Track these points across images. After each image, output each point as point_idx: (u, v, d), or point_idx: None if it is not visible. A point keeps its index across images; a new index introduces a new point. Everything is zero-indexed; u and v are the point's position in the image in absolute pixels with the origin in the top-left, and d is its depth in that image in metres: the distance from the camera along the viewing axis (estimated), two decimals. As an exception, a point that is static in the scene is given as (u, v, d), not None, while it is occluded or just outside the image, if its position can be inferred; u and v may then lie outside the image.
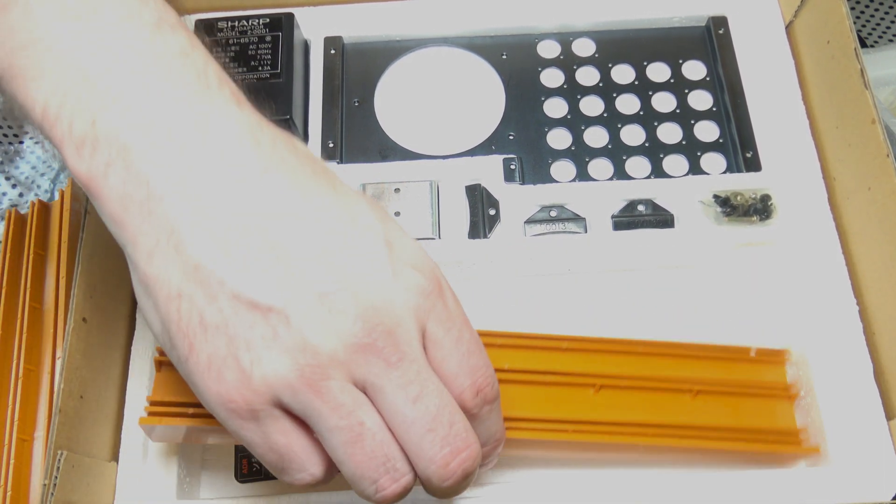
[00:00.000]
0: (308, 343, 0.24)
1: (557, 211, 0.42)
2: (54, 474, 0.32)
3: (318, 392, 0.25)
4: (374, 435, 0.25)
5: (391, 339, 0.25)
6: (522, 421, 0.35)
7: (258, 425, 0.25)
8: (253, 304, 0.24)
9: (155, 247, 0.25)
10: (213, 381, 0.25)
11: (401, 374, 0.25)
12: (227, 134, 0.25)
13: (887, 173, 0.36)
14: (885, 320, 0.37)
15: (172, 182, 0.25)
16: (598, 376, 0.36)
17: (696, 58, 0.46)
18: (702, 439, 0.36)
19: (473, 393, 0.27)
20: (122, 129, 0.25)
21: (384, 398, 0.25)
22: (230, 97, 0.26)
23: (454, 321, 0.27)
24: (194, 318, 0.25)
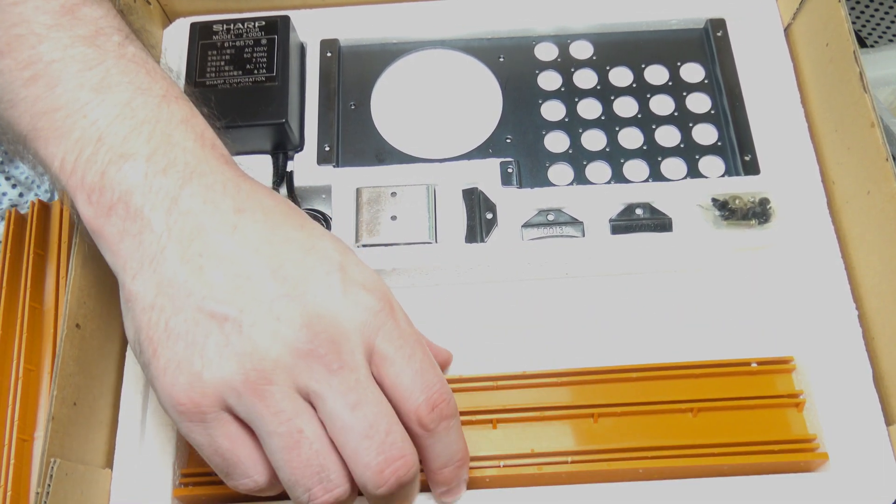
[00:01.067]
0: (256, 348, 0.27)
1: (555, 215, 0.41)
2: (47, 482, 0.32)
3: (261, 396, 0.27)
4: (311, 444, 0.28)
5: (333, 347, 0.28)
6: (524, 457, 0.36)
7: (205, 428, 0.28)
8: (212, 313, 0.28)
9: (139, 269, 0.29)
10: (168, 384, 0.28)
11: (340, 381, 0.28)
12: (213, 182, 0.30)
13: (886, 177, 0.36)
14: (884, 325, 0.37)
15: (160, 216, 0.29)
16: (596, 406, 0.37)
17: (694, 60, 0.46)
18: (704, 457, 0.36)
19: (429, 408, 0.29)
20: (126, 178, 0.29)
21: (324, 404, 0.28)
22: (220, 157, 0.31)
23: (405, 340, 0.29)
24: (161, 325, 0.28)
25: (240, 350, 0.28)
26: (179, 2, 0.47)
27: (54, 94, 0.30)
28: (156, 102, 0.31)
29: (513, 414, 0.37)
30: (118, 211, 0.29)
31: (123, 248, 0.29)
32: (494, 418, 0.37)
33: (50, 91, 0.30)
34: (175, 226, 0.29)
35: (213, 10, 0.47)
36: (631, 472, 0.36)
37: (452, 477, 0.32)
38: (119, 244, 0.29)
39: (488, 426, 0.37)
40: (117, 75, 0.31)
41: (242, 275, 0.28)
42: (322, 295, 0.29)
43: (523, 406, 0.37)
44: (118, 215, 0.29)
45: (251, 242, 0.29)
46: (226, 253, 0.29)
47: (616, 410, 0.37)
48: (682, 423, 0.37)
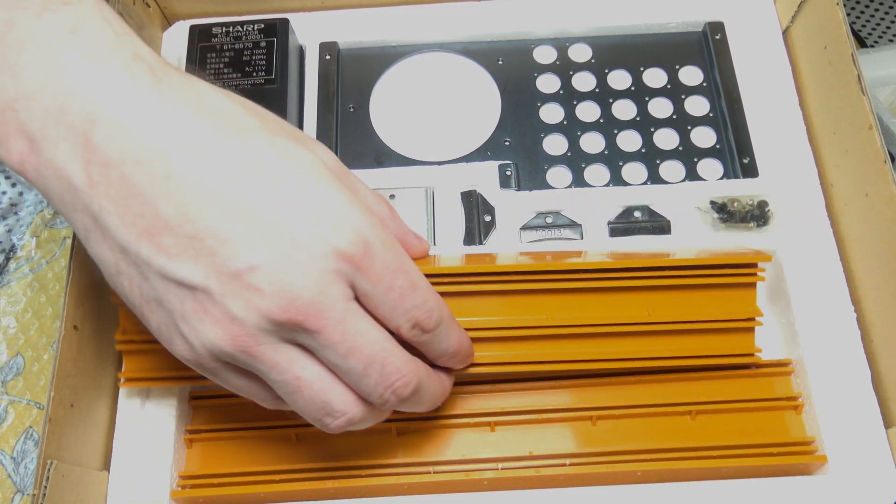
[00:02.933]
0: (234, 317, 0.26)
1: (553, 217, 0.41)
2: (44, 484, 0.32)
3: (253, 355, 0.27)
4: (311, 385, 0.28)
5: (310, 311, 0.26)
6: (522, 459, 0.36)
7: (217, 377, 0.29)
8: (178, 282, 0.26)
9: (87, 233, 0.27)
10: (169, 345, 0.28)
11: (326, 337, 0.27)
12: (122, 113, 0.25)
13: (885, 180, 0.36)
14: (883, 327, 0.37)
15: (79, 171, 0.26)
16: (595, 409, 0.37)
17: (692, 63, 0.46)
18: (703, 459, 0.36)
19: (409, 328, 0.29)
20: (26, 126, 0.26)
21: (318, 355, 0.28)
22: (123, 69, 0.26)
23: (382, 274, 0.28)
24: (135, 292, 0.27)
25: (218, 317, 0.26)
26: (179, 4, 0.47)
27: None
28: (35, 14, 0.26)
29: (511, 417, 0.37)
30: (31, 163, 0.26)
31: (59, 208, 0.27)
32: (492, 421, 0.37)
33: None
34: (101, 181, 0.25)
35: (212, 12, 0.47)
36: (629, 474, 0.35)
37: (450, 364, 0.33)
38: (52, 203, 0.27)
39: (486, 429, 0.37)
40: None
41: (194, 236, 0.25)
42: (287, 252, 0.26)
43: (521, 409, 0.37)
44: (34, 169, 0.26)
45: (191, 194, 0.25)
46: (167, 213, 0.25)
47: (614, 413, 0.37)
48: (680, 426, 0.37)
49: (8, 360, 0.46)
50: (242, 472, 0.36)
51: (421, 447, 0.37)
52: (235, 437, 0.38)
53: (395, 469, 0.36)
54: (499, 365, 0.36)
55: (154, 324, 0.28)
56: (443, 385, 0.33)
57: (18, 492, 0.42)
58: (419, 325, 0.30)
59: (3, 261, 0.49)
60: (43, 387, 0.45)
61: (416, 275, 0.30)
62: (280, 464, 0.37)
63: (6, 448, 0.43)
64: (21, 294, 0.48)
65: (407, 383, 0.29)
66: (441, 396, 0.33)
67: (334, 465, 0.36)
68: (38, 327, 0.47)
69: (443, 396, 0.33)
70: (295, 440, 0.37)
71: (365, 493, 0.36)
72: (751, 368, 0.38)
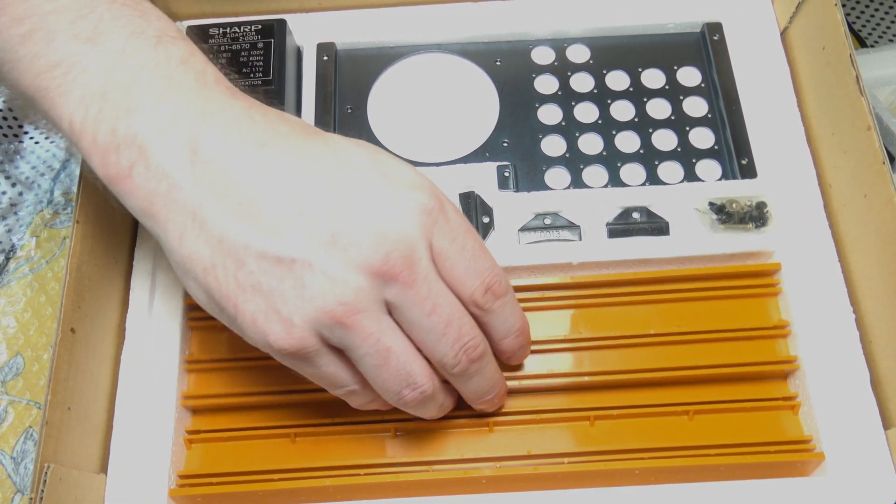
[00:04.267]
0: (334, 283, 0.28)
1: (552, 218, 0.41)
2: (41, 488, 0.32)
3: (350, 327, 0.29)
4: (398, 356, 0.30)
5: (406, 262, 0.29)
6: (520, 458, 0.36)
7: (309, 363, 0.30)
8: (277, 259, 0.28)
9: (184, 230, 0.29)
10: (264, 334, 0.29)
11: (416, 292, 0.29)
12: (226, 122, 0.29)
13: (883, 180, 0.36)
14: (882, 328, 0.37)
15: (185, 171, 0.28)
16: (593, 409, 0.37)
17: (690, 64, 0.46)
18: (700, 458, 0.36)
19: (482, 291, 0.31)
20: (139, 133, 0.29)
21: (403, 315, 0.30)
22: (225, 90, 0.30)
23: (457, 232, 0.31)
24: (231, 282, 0.29)
25: (318, 289, 0.28)
26: (176, 5, 0.47)
27: (51, 49, 0.29)
28: (151, 45, 0.30)
29: (509, 417, 0.37)
30: (139, 170, 0.29)
31: (157, 212, 0.29)
32: (491, 421, 0.37)
33: (47, 46, 0.29)
34: (203, 177, 0.28)
35: (209, 13, 0.47)
36: (628, 473, 0.35)
37: (515, 345, 0.34)
38: (151, 207, 0.29)
39: (485, 429, 0.37)
40: (110, 21, 0.30)
41: (291, 211, 0.28)
42: (377, 209, 0.29)
43: (519, 409, 0.37)
44: (140, 175, 0.29)
45: (285, 177, 0.29)
46: (264, 194, 0.28)
47: (612, 413, 0.37)
48: (678, 426, 0.37)
49: (8, 360, 0.46)
50: (241, 472, 0.36)
51: (419, 447, 0.37)
52: (235, 437, 0.38)
53: (394, 468, 0.36)
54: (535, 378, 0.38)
55: (249, 315, 0.29)
56: (500, 374, 0.35)
57: (18, 492, 0.43)
58: (492, 289, 0.31)
59: (3, 261, 0.49)
60: (43, 387, 0.45)
61: (483, 243, 0.32)
62: (279, 463, 0.37)
63: (6, 448, 0.44)
64: (21, 294, 0.48)
65: (477, 344, 0.31)
66: (498, 382, 0.34)
67: (333, 465, 0.36)
68: (38, 327, 0.47)
69: (499, 384, 0.35)
70: (294, 440, 0.38)
71: (363, 493, 0.36)
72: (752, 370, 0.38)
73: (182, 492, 0.36)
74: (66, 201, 0.51)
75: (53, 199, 0.51)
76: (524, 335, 0.35)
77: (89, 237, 0.37)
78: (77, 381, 0.36)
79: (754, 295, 0.39)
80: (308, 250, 0.28)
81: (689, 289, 0.39)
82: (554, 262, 0.40)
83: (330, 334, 0.29)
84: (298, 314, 0.28)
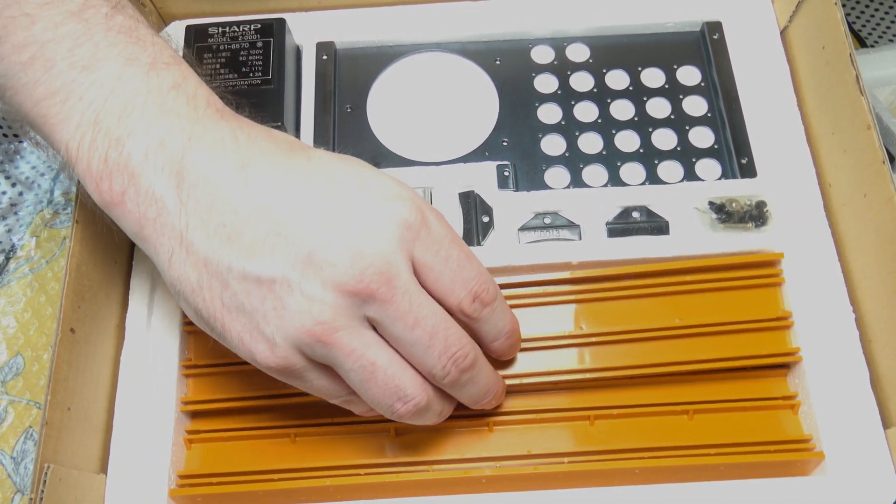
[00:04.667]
0: (311, 301, 0.28)
1: (551, 218, 0.41)
2: (40, 488, 0.32)
3: (331, 344, 0.29)
4: (384, 370, 0.30)
5: (383, 278, 0.29)
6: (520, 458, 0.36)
7: (299, 379, 0.31)
8: (258, 280, 0.29)
9: (172, 253, 0.30)
10: (251, 353, 0.30)
11: (396, 308, 0.29)
12: (212, 143, 0.30)
13: (883, 180, 0.36)
14: (881, 328, 0.37)
15: (172, 195, 0.29)
16: (593, 408, 0.37)
17: (690, 63, 0.46)
18: (700, 457, 0.36)
19: (470, 300, 0.31)
20: (129, 160, 0.30)
21: (387, 330, 0.30)
22: (214, 113, 0.31)
23: (440, 243, 0.31)
24: (217, 303, 0.29)
25: (297, 309, 0.28)
26: (175, 4, 0.47)
27: (50, 77, 0.30)
28: (144, 72, 0.31)
29: (509, 417, 0.37)
30: (130, 195, 0.30)
31: (148, 235, 0.30)
32: (491, 420, 0.37)
33: (46, 73, 0.30)
34: (189, 201, 0.29)
35: (208, 12, 0.47)
36: (628, 472, 0.35)
37: (505, 346, 0.35)
38: (142, 231, 0.30)
39: (484, 429, 0.37)
40: (105, 48, 0.30)
41: (272, 232, 0.29)
42: (354, 226, 0.29)
43: (519, 409, 0.37)
44: (131, 200, 0.30)
45: (267, 197, 0.29)
46: (247, 216, 0.29)
47: (612, 413, 0.37)
48: (678, 426, 0.37)
49: (8, 360, 0.46)
50: (241, 472, 0.36)
51: (419, 447, 0.37)
52: (234, 437, 0.38)
53: (393, 468, 0.36)
54: (535, 375, 0.37)
55: (236, 335, 0.29)
56: (496, 376, 0.35)
57: (18, 492, 0.43)
58: (479, 298, 0.31)
59: (3, 261, 0.49)
60: (43, 387, 0.45)
61: (470, 251, 0.32)
62: (279, 463, 0.37)
63: (6, 448, 0.43)
64: (21, 294, 0.48)
65: (466, 354, 0.31)
66: (494, 385, 0.34)
67: (332, 465, 0.37)
68: (38, 327, 0.47)
69: (496, 386, 0.34)
70: (293, 440, 0.38)
71: (363, 493, 0.36)
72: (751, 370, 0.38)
73: (182, 492, 0.36)
74: (66, 201, 0.51)
75: (53, 199, 0.51)
76: (514, 336, 0.35)
77: (89, 237, 0.37)
78: (77, 381, 0.36)
79: (756, 286, 0.39)
80: (287, 270, 0.28)
81: (690, 281, 0.39)
82: (554, 261, 0.40)
83: (312, 353, 0.29)
84: (279, 334, 0.29)
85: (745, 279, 0.39)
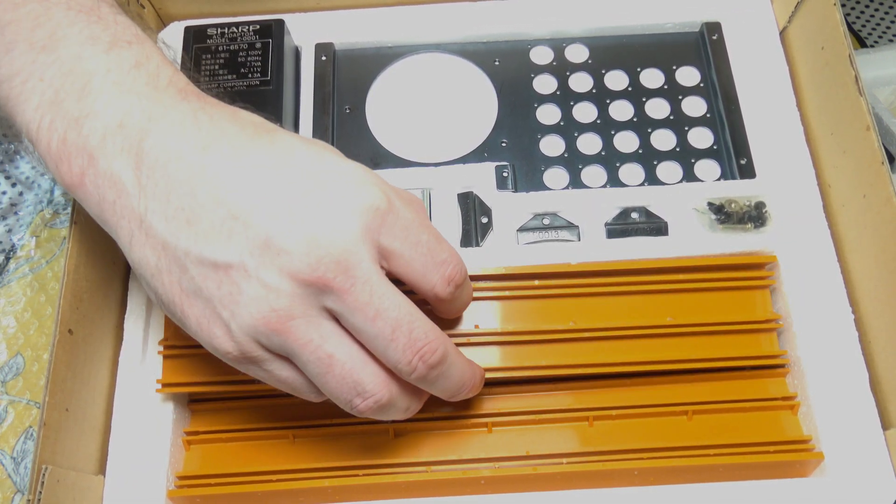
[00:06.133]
0: (268, 289, 0.27)
1: (550, 219, 0.41)
2: (38, 489, 0.32)
3: (286, 333, 0.28)
4: (342, 364, 0.29)
5: (339, 267, 0.28)
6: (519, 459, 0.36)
7: (258, 367, 0.30)
8: (215, 265, 0.28)
9: (132, 236, 0.29)
10: (209, 338, 0.29)
11: (355, 298, 0.28)
12: (171, 125, 0.29)
13: (882, 180, 0.36)
14: (880, 329, 0.37)
15: (131, 177, 0.29)
16: (592, 409, 0.37)
17: (689, 64, 0.46)
18: (699, 458, 0.36)
19: (445, 284, 0.31)
20: (88, 141, 0.29)
21: (348, 321, 0.29)
22: (177, 93, 0.30)
23: (408, 229, 0.30)
24: (175, 287, 0.29)
25: (253, 294, 0.28)
26: (174, 5, 0.47)
27: (11, 58, 0.30)
28: (104, 51, 0.30)
29: (508, 417, 0.37)
30: (89, 177, 0.29)
31: (109, 217, 0.29)
32: (490, 422, 0.37)
33: (7, 55, 0.30)
34: (148, 183, 0.28)
35: (207, 13, 0.47)
36: (627, 473, 0.35)
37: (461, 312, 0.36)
38: (103, 213, 0.29)
39: (483, 430, 0.37)
40: (66, 27, 0.30)
41: (229, 217, 0.28)
42: (314, 213, 0.28)
43: (518, 410, 0.37)
44: (91, 182, 0.29)
45: (226, 180, 0.28)
46: (205, 199, 0.28)
47: (611, 413, 0.37)
48: (677, 426, 0.37)
49: (8, 359, 0.46)
50: (240, 473, 0.36)
51: (418, 448, 0.37)
52: (233, 438, 0.38)
53: (392, 469, 0.36)
54: (524, 369, 0.37)
55: (194, 319, 0.29)
56: (472, 366, 0.33)
57: (18, 492, 0.43)
58: (452, 281, 0.31)
59: (3, 261, 0.49)
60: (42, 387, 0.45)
61: (436, 232, 0.31)
62: (278, 464, 0.37)
63: (6, 448, 0.44)
64: (21, 294, 0.48)
65: (434, 349, 0.30)
66: (470, 378, 0.33)
67: (331, 466, 0.36)
68: (38, 327, 0.47)
69: (471, 379, 0.33)
70: (292, 441, 0.38)
71: (362, 494, 0.36)
72: (750, 371, 0.38)
73: (180, 493, 0.36)
74: (66, 201, 0.51)
75: (53, 198, 0.51)
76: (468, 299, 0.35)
77: (87, 239, 0.37)
78: (75, 382, 0.36)
79: (749, 287, 0.39)
80: (244, 256, 0.28)
81: (685, 279, 0.39)
82: (552, 262, 0.39)
83: (269, 342, 0.28)
84: (235, 321, 0.28)
85: (735, 280, 0.39)
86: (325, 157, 0.30)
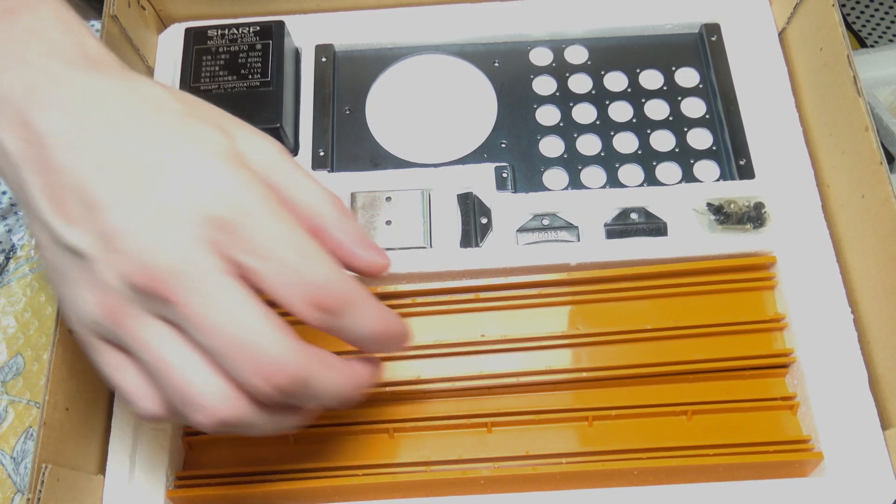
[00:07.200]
0: (105, 283, 0.26)
1: (550, 219, 0.41)
2: (38, 488, 0.32)
3: (121, 327, 0.27)
4: (175, 373, 0.26)
5: (170, 280, 0.26)
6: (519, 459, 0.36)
7: (96, 355, 0.28)
8: (67, 247, 0.27)
9: (26, 210, 0.29)
10: (66, 317, 0.28)
11: (190, 312, 0.26)
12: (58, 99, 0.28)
13: (881, 181, 0.36)
14: (880, 329, 0.37)
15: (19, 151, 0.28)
16: (591, 409, 0.37)
17: (689, 65, 0.46)
18: (698, 458, 0.36)
19: (309, 309, 0.27)
20: None
21: (186, 332, 0.26)
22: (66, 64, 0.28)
23: (264, 245, 0.26)
24: (47, 262, 0.28)
25: (94, 283, 0.27)
26: (174, 7, 0.47)
27: None
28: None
29: (507, 417, 0.37)
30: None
31: (11, 190, 0.29)
32: (489, 422, 0.37)
33: None
34: (31, 158, 0.27)
35: (207, 15, 0.47)
36: (626, 473, 0.35)
37: (379, 347, 0.29)
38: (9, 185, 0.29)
39: (483, 429, 0.37)
40: None
41: (84, 205, 0.27)
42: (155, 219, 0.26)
43: (518, 410, 0.37)
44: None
45: (91, 166, 0.27)
46: (71, 182, 0.27)
47: (611, 413, 0.37)
48: (676, 426, 0.37)
49: (8, 359, 0.46)
50: (239, 473, 0.37)
51: (418, 448, 0.37)
52: (232, 437, 0.38)
53: (392, 469, 0.36)
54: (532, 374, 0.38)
55: (59, 296, 0.28)
56: (351, 376, 0.29)
57: (18, 492, 0.43)
58: (319, 306, 0.27)
59: (3, 261, 0.49)
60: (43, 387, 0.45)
61: (311, 248, 0.27)
62: (277, 464, 0.37)
63: (6, 448, 0.44)
64: (21, 294, 0.48)
65: (287, 374, 0.26)
66: (349, 389, 0.29)
67: (331, 465, 0.37)
68: (38, 327, 0.47)
69: (353, 388, 0.29)
70: (292, 440, 0.38)
71: (362, 493, 0.36)
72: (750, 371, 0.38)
73: (180, 492, 0.36)
74: (66, 202, 0.51)
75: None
76: (386, 339, 0.29)
77: (88, 238, 0.37)
78: (75, 381, 0.36)
79: (750, 289, 0.39)
80: (90, 247, 0.27)
81: (686, 283, 0.39)
82: (552, 262, 0.40)
83: (108, 334, 0.27)
84: (79, 303, 0.27)
85: (738, 282, 0.39)
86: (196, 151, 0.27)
